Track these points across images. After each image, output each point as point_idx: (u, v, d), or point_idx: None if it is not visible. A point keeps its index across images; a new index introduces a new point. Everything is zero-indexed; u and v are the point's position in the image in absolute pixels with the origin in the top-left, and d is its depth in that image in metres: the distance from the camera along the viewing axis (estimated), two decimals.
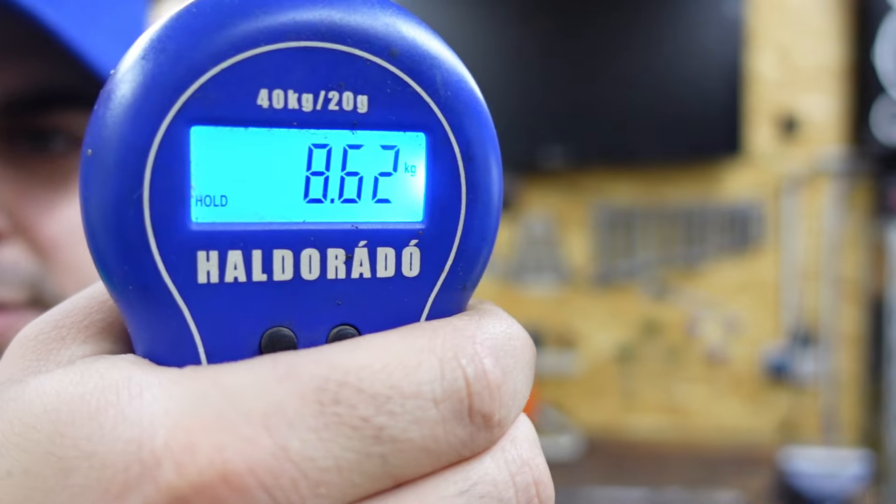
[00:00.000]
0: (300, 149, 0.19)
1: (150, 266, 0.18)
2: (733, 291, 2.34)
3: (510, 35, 2.30)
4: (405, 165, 0.20)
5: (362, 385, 0.17)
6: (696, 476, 1.97)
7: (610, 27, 2.26)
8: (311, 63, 0.18)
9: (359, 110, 0.19)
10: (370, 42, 0.19)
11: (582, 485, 1.91)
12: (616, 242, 2.38)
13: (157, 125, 0.17)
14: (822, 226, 2.27)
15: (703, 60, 2.20)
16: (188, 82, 0.17)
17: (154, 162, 0.17)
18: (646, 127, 2.25)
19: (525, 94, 2.28)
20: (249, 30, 0.17)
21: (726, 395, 2.37)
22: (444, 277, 0.20)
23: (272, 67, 0.18)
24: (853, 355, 2.30)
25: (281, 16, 0.18)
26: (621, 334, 2.40)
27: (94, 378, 0.17)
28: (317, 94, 0.18)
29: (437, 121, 0.20)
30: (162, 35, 0.17)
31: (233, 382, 0.17)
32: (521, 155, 2.31)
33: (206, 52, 0.17)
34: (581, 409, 2.43)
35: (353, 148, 0.19)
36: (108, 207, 0.17)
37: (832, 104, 2.25)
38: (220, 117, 0.18)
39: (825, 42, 2.24)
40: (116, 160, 0.17)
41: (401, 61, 0.19)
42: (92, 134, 0.18)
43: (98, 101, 0.18)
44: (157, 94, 0.17)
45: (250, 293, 0.18)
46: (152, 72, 0.17)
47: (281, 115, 0.18)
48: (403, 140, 0.20)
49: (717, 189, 2.33)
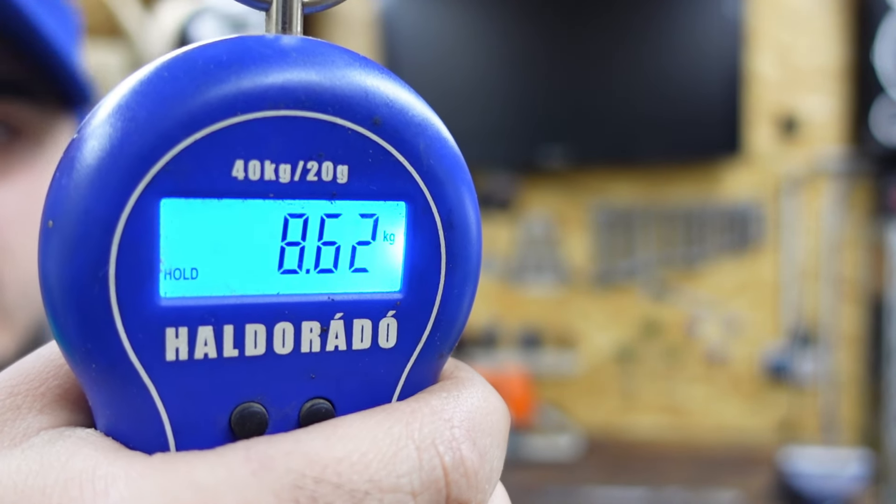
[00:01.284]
0: (275, 219, 0.18)
1: (115, 345, 0.17)
2: (733, 291, 2.34)
3: (510, 35, 2.30)
4: (384, 234, 0.19)
5: (340, 480, 0.16)
6: (695, 476, 1.97)
7: (609, 27, 2.26)
8: (290, 133, 0.17)
9: (338, 180, 0.18)
10: (352, 110, 0.18)
11: (582, 485, 1.91)
12: (616, 242, 2.38)
13: (126, 198, 0.16)
14: (821, 226, 2.27)
15: (702, 60, 2.20)
16: (160, 153, 0.16)
17: (121, 236, 0.16)
18: (646, 127, 2.25)
19: (525, 93, 2.28)
20: (224, 98, 0.16)
21: (726, 395, 2.37)
22: (421, 347, 0.20)
23: (248, 137, 0.17)
24: (853, 355, 2.30)
25: (257, 81, 0.17)
26: (621, 334, 2.40)
27: (56, 468, 0.16)
28: (295, 165, 0.17)
29: (418, 189, 0.19)
30: (131, 100, 0.16)
31: (205, 479, 0.16)
32: (521, 155, 2.31)
33: (179, 120, 0.16)
34: (581, 409, 2.43)
35: (330, 217, 0.19)
36: (70, 283, 0.16)
37: (832, 104, 2.25)
38: (192, 189, 0.17)
39: (825, 42, 2.24)
40: (81, 234, 0.16)
41: (384, 130, 0.18)
42: (54, 203, 0.16)
43: (59, 167, 0.17)
44: (126, 164, 0.16)
45: (220, 369, 0.18)
46: (121, 141, 0.16)
47: (257, 187, 0.17)
48: (383, 208, 0.19)
49: (717, 189, 2.33)
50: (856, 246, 2.27)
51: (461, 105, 2.30)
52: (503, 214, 2.42)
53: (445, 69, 2.31)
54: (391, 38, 2.32)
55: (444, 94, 2.30)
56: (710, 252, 2.33)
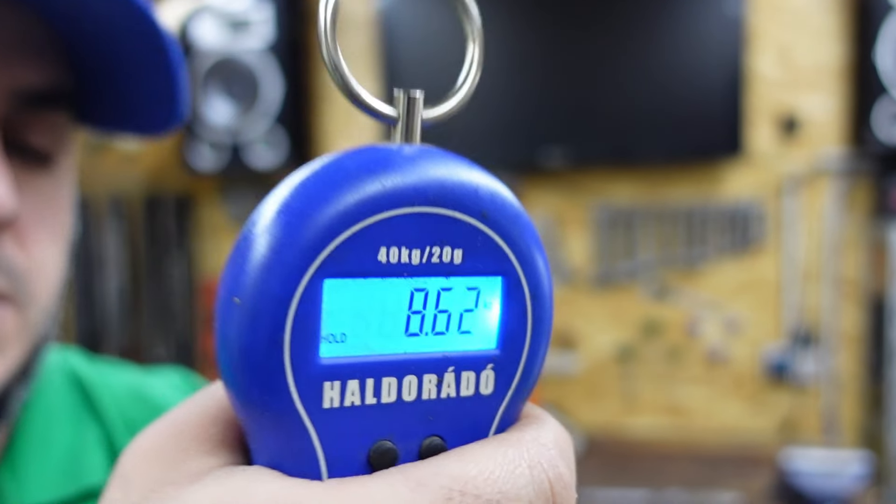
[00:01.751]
0: (405, 293, 0.22)
1: (286, 396, 0.21)
2: (734, 292, 2.33)
3: (511, 35, 2.29)
4: (484, 302, 0.24)
5: (479, 492, 0.21)
6: (696, 476, 1.97)
7: (610, 27, 2.26)
8: (421, 224, 0.22)
9: (454, 262, 0.23)
10: (466, 206, 0.22)
11: (582, 485, 1.91)
12: (616, 243, 2.37)
13: (299, 280, 0.20)
14: (822, 226, 2.27)
15: (703, 60, 2.20)
16: (325, 243, 0.21)
17: (295, 311, 0.20)
18: (646, 127, 2.25)
19: (525, 93, 2.28)
20: (373, 198, 0.21)
21: (727, 396, 2.36)
22: (512, 392, 0.25)
23: (390, 229, 0.21)
24: (854, 355, 2.30)
25: (398, 185, 0.21)
26: (622, 334, 2.40)
27: (244, 497, 0.20)
28: (423, 250, 0.22)
29: (512, 267, 0.24)
30: (297, 200, 0.21)
31: (377, 495, 0.20)
32: (522, 155, 2.31)
33: (339, 218, 0.21)
34: (581, 410, 2.43)
35: (445, 290, 0.23)
36: (253, 349, 0.21)
37: (833, 104, 2.24)
38: (348, 271, 0.21)
39: (826, 42, 2.23)
40: (263, 310, 0.20)
41: (490, 220, 0.23)
42: (237, 284, 0.21)
43: (236, 252, 0.21)
44: (299, 254, 0.20)
45: (363, 414, 0.22)
46: (293, 234, 0.20)
47: (394, 268, 0.22)
48: (485, 283, 0.24)
49: (718, 189, 2.32)
50: (857, 246, 2.27)
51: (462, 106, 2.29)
52: None
53: (445, 69, 2.30)
54: (390, 37, 2.32)
55: (443, 94, 2.30)
56: (711, 252, 2.33)
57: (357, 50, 2.44)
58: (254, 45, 2.28)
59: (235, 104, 2.29)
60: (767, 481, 1.82)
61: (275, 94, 2.27)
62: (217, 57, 2.28)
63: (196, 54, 2.29)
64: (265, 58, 2.27)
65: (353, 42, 2.45)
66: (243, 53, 2.27)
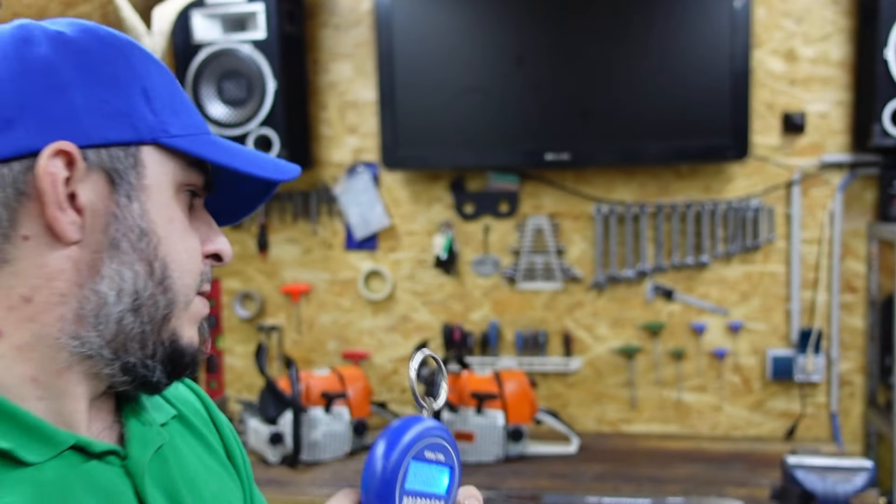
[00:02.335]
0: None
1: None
2: (737, 292, 2.31)
3: (512, 35, 2.27)
4: (448, 477, 0.59)
5: None
6: (700, 478, 1.94)
7: (613, 27, 2.24)
8: (434, 448, 0.56)
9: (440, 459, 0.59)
10: (454, 442, 0.60)
11: (583, 486, 1.89)
12: (619, 243, 2.35)
13: (396, 477, 0.54)
14: (827, 225, 2.25)
15: (707, 60, 2.18)
16: (401, 465, 0.54)
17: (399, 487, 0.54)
18: (650, 127, 2.23)
19: (527, 93, 2.26)
20: (413, 448, 0.55)
21: (730, 396, 2.34)
22: None
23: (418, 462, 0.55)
24: (860, 356, 2.28)
25: (427, 437, 0.56)
26: (623, 335, 2.38)
27: None
28: (435, 456, 0.58)
29: (454, 461, 0.60)
30: (386, 447, 0.54)
31: None
32: (524, 155, 2.29)
33: (403, 458, 0.54)
34: (583, 410, 2.41)
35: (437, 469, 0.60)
36: (383, 498, 0.53)
37: (837, 104, 2.23)
38: (413, 483, 0.55)
39: (830, 42, 2.22)
40: (385, 485, 0.53)
41: (451, 444, 0.61)
42: (370, 477, 0.54)
43: (369, 460, 0.54)
44: (393, 476, 0.53)
45: None
46: (394, 464, 0.53)
47: (430, 461, 0.57)
48: (446, 468, 0.61)
49: (721, 189, 2.30)
50: (861, 245, 2.25)
51: (462, 106, 2.28)
52: (505, 215, 2.40)
53: (444, 69, 2.29)
54: (387, 33, 2.30)
55: (444, 93, 2.28)
56: (716, 252, 2.31)
57: (355, 46, 2.43)
58: (250, 39, 2.26)
59: (230, 99, 2.27)
60: (772, 482, 1.80)
61: (270, 89, 2.25)
62: (213, 51, 2.26)
63: (192, 49, 2.27)
64: (261, 53, 2.24)
65: (351, 38, 2.43)
66: (239, 49, 2.25)
